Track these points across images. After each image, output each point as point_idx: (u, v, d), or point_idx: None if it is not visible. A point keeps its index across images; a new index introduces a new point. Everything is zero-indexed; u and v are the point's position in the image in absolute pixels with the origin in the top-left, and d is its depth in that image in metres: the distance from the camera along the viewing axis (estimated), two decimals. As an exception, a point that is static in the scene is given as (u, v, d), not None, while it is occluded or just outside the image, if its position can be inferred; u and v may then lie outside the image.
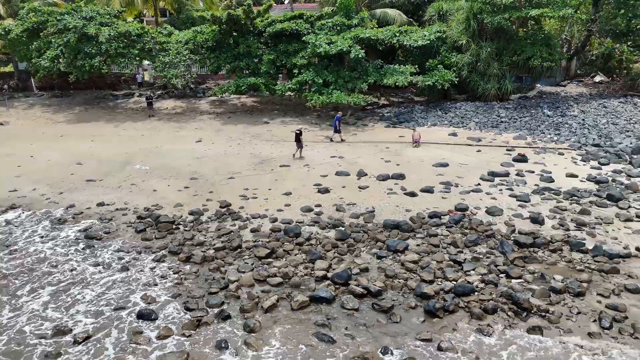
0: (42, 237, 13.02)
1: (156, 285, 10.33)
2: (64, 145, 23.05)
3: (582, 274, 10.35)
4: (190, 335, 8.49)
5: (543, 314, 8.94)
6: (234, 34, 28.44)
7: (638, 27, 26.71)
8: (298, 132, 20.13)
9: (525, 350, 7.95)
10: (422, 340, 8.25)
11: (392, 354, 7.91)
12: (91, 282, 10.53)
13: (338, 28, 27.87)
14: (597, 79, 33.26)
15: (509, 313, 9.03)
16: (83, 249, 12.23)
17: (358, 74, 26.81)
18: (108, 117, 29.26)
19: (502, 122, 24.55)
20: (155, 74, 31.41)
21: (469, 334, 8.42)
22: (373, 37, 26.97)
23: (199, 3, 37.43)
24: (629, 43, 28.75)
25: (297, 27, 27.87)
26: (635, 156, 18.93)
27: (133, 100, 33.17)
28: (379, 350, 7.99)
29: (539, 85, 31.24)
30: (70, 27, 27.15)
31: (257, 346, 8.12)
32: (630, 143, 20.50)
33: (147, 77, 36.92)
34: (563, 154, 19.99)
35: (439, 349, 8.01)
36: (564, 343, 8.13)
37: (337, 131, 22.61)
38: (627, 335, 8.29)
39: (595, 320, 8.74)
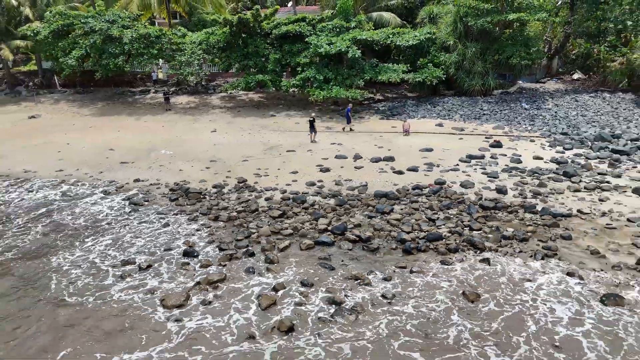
0: (94, 203, 15.72)
1: (193, 235, 13.02)
2: (94, 135, 25.70)
3: (529, 227, 13.01)
4: (225, 265, 11.17)
5: (493, 252, 11.62)
6: (243, 35, 31.06)
7: (607, 29, 29.30)
8: (312, 119, 22.96)
9: (473, 270, 10.65)
10: (399, 267, 10.93)
11: (375, 274, 10.60)
12: (141, 234, 13.22)
13: (337, 30, 30.46)
14: (576, 76, 35.85)
15: (467, 252, 11.70)
16: (130, 212, 14.90)
17: (355, 72, 29.43)
18: (129, 110, 31.91)
19: (484, 114, 27.20)
20: (171, 72, 34.01)
21: (434, 264, 11.10)
22: (369, 39, 29.61)
23: (209, 7, 40.00)
24: (604, 44, 31.26)
25: (300, 29, 30.47)
26: (596, 142, 21.56)
27: (150, 96, 35.83)
28: (366, 272, 10.67)
29: (520, 82, 33.83)
30: (96, 29, 29.80)
31: (276, 271, 10.82)
32: (595, 132, 23.11)
33: (161, 75, 39.55)
34: (534, 141, 22.61)
35: (411, 272, 10.69)
36: (502, 267, 10.81)
37: (349, 121, 25.45)
38: (553, 264, 10.97)
39: (531, 256, 11.41)
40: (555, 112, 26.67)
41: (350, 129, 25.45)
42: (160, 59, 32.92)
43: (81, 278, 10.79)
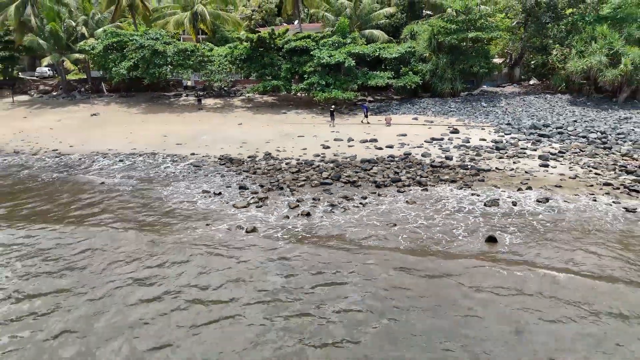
0: (167, 167, 22.36)
1: (242, 180, 19.63)
2: (147, 127, 32.34)
3: (459, 176, 19.59)
4: (265, 193, 17.78)
5: (431, 187, 18.22)
6: (261, 49, 37.75)
7: (549, 44, 35.93)
8: (332, 109, 29.80)
9: (417, 193, 17.30)
10: (371, 193, 17.54)
11: (357, 195, 17.21)
12: (207, 180, 19.85)
13: (336, 45, 37.09)
14: (532, 82, 42.39)
15: (416, 187, 18.29)
16: (194, 171, 21.53)
17: (350, 78, 36.05)
18: (168, 110, 38.58)
19: (451, 111, 33.77)
20: (202, 79, 40.69)
21: (394, 191, 17.70)
22: (362, 52, 36.29)
23: (229, 25, 46.77)
24: (550, 56, 37.66)
25: (306, 45, 37.13)
26: (529, 130, 28.12)
27: (182, 99, 42.51)
28: (351, 195, 17.28)
29: (484, 86, 40.38)
30: (145, 45, 36.56)
31: (297, 195, 17.43)
32: (531, 123, 29.67)
33: (190, 83, 46.27)
34: (484, 129, 29.15)
35: (378, 195, 17.30)
36: (435, 192, 17.42)
37: (365, 115, 31.85)
38: (467, 192, 17.59)
39: (454, 188, 17.98)
40: (506, 109, 33.27)
41: (368, 122, 31.56)
42: (194, 69, 39.54)
43: (179, 197, 17.43)
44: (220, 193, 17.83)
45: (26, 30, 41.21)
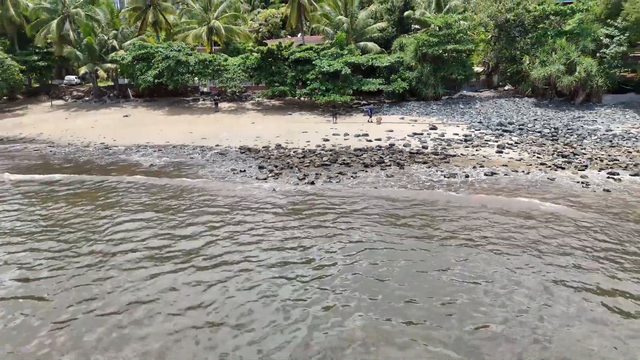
0: (198, 154, 27.36)
1: (259, 163, 24.62)
2: (174, 125, 37.34)
3: (430, 159, 24.55)
4: (279, 170, 22.77)
5: (407, 166, 23.20)
6: (270, 60, 42.85)
7: (517, 55, 41.04)
8: (335, 110, 34.70)
9: (395, 171, 22.29)
10: (360, 170, 22.54)
11: (349, 172, 22.19)
12: (232, 163, 24.83)
13: (335, 55, 42.13)
14: (507, 87, 47.39)
15: (395, 166, 23.25)
16: (221, 158, 26.50)
17: (347, 84, 41.07)
18: (189, 112, 43.63)
19: (432, 112, 38.75)
20: (218, 85, 45.78)
21: (378, 169, 22.68)
22: (357, 61, 41.34)
23: (240, 38, 51.96)
24: (521, 65, 42.60)
25: (309, 55, 42.19)
26: (496, 126, 33.07)
27: (200, 103, 47.54)
28: (345, 171, 22.26)
29: (463, 91, 45.37)
30: (170, 56, 41.69)
31: (303, 171, 22.43)
32: (498, 121, 34.65)
33: (206, 89, 51.37)
34: (459, 126, 34.13)
35: (365, 172, 22.29)
36: (408, 169, 22.40)
37: (370, 115, 36.74)
38: (434, 169, 22.58)
39: (424, 167, 22.94)
40: (479, 110, 38.26)
41: (376, 121, 36.38)
42: (212, 76, 44.59)
43: (214, 174, 22.43)
44: (244, 170, 22.86)
45: (65, 43, 46.33)
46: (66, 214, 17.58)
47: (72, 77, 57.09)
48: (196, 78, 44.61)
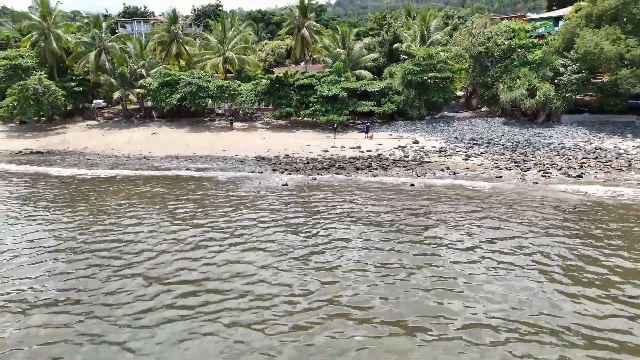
0: (222, 161, 33.16)
1: (273, 167, 30.40)
2: (196, 141, 43.27)
3: (410, 164, 30.34)
4: (291, 171, 28.55)
5: (390, 169, 28.97)
6: (277, 85, 49.12)
7: (488, 82, 47.32)
8: (335, 127, 40.51)
9: (380, 173, 28.08)
10: (352, 172, 28.32)
11: (343, 174, 27.96)
12: (251, 168, 30.62)
13: (333, 82, 48.36)
14: (484, 109, 53.51)
15: (381, 169, 29.02)
16: (241, 164, 32.29)
17: (344, 106, 47.16)
18: (207, 130, 49.64)
19: (417, 129, 44.70)
20: (232, 107, 52.00)
21: (367, 173, 28.46)
22: (352, 87, 47.59)
23: (250, 67, 58.54)
24: (493, 90, 48.72)
25: (311, 82, 48.43)
26: (468, 141, 38.96)
27: (216, 122, 53.63)
28: (341, 173, 28.04)
29: (445, 112, 51.46)
30: (193, 82, 47.98)
31: (309, 173, 28.21)
32: (470, 137, 40.56)
33: (220, 110, 57.59)
34: (437, 141, 40.01)
35: (357, 174, 28.06)
36: (391, 173, 28.19)
37: (367, 132, 42.66)
38: (411, 172, 28.37)
39: (403, 170, 28.71)
40: (456, 127, 44.25)
41: (368, 137, 42.28)
42: (228, 100, 50.77)
43: (237, 174, 28.20)
44: (262, 172, 28.60)
45: (100, 71, 52.76)
46: (174, 192, 23.30)
47: (100, 100, 63.53)
48: (210, 100, 50.70)
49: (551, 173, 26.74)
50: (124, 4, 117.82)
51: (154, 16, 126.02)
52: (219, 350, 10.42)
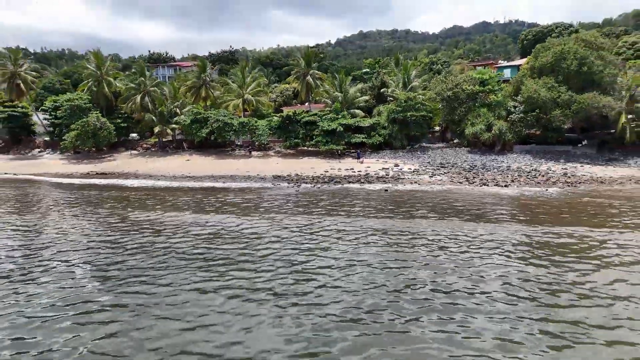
0: (246, 180, 42.99)
1: (286, 181, 40.15)
2: (222, 165, 53.15)
3: (390, 180, 40.08)
4: (300, 183, 38.29)
5: (373, 183, 38.69)
6: (287, 122, 59.54)
7: (455, 120, 57.67)
8: (339, 153, 50.45)
9: (366, 184, 37.84)
10: (346, 184, 38.09)
11: (336, 184, 37.71)
12: (269, 183, 40.37)
13: (332, 118, 58.75)
14: (456, 141, 63.72)
15: (366, 183, 38.73)
16: (262, 181, 42.04)
17: (341, 138, 57.31)
18: (230, 157, 59.61)
19: (399, 157, 54.59)
20: (250, 139, 62.28)
21: (358, 185, 38.19)
22: (348, 123, 57.95)
23: (264, 106, 69.34)
24: (462, 126, 58.93)
25: (314, 119, 58.82)
26: (437, 165, 48.77)
27: (237, 152, 63.72)
28: (337, 184, 37.76)
29: (423, 143, 61.59)
30: (220, 119, 58.39)
31: (313, 183, 37.96)
32: (439, 162, 50.41)
33: (239, 142, 67.88)
34: (413, 165, 49.82)
35: (349, 185, 37.79)
36: (371, 186, 37.92)
37: (359, 158, 52.54)
38: (388, 185, 38.12)
39: (382, 183, 38.42)
40: (430, 155, 54.20)
41: (360, 162, 52.14)
42: (247, 133, 61.08)
43: (259, 186, 37.93)
44: (279, 184, 38.31)
45: (143, 111, 63.50)
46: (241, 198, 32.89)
47: (135, 134, 74.13)
48: (241, 135, 61.09)
49: (488, 184, 36.39)
50: (149, 51, 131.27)
51: (174, 60, 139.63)
52: (276, 332, 11.85)
